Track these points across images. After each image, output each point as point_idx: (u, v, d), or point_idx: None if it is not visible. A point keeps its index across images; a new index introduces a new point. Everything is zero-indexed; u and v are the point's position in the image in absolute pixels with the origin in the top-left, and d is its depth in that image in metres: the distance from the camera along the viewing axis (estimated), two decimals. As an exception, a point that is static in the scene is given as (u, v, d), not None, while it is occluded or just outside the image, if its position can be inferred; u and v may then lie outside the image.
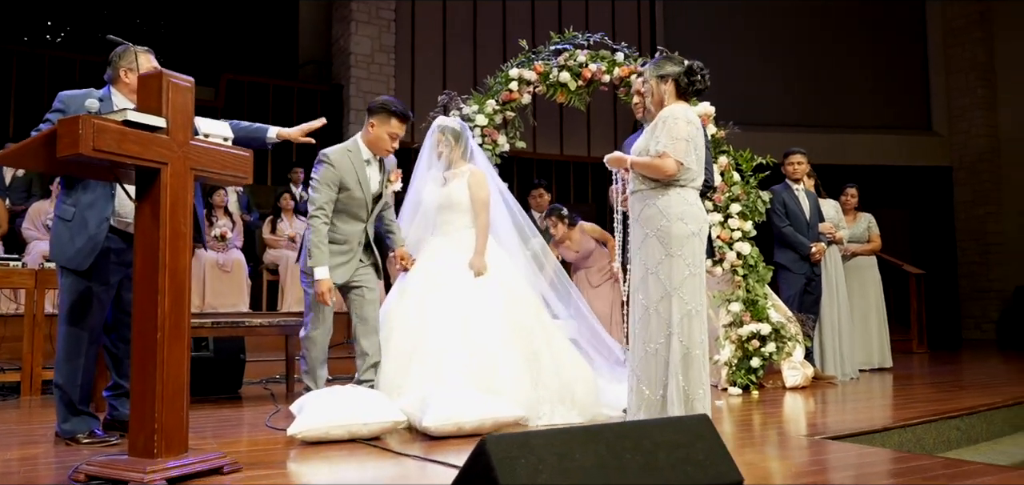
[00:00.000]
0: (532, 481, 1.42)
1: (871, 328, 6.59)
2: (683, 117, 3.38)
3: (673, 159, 3.30)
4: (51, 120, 3.21)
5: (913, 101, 12.16)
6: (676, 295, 3.31)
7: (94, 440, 3.27)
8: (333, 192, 3.77)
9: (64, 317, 3.28)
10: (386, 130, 3.84)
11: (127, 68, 3.36)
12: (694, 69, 3.46)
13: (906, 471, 2.73)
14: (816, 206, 5.80)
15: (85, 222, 3.24)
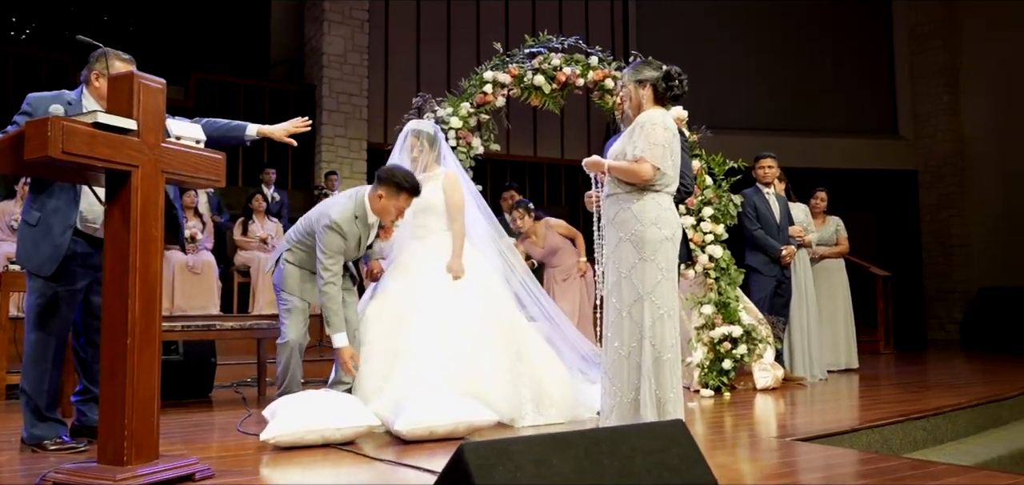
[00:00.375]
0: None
1: (839, 329, 6.70)
2: (661, 122, 3.40)
3: (650, 164, 3.32)
4: (18, 122, 3.16)
5: (880, 106, 12.38)
6: (648, 299, 3.34)
7: (61, 446, 3.21)
8: (342, 258, 3.80)
9: (31, 322, 3.23)
10: (394, 204, 3.76)
11: (98, 72, 3.31)
12: (672, 74, 3.48)
13: (874, 472, 2.78)
14: (786, 210, 5.88)
15: (50, 228, 3.20)
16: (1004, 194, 11.30)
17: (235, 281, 7.38)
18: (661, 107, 3.52)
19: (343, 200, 3.82)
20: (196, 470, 2.63)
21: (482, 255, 4.14)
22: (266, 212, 7.75)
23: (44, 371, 3.22)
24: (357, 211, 3.78)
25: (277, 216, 8.05)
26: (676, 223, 3.46)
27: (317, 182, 9.38)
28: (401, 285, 3.96)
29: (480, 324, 3.82)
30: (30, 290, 3.24)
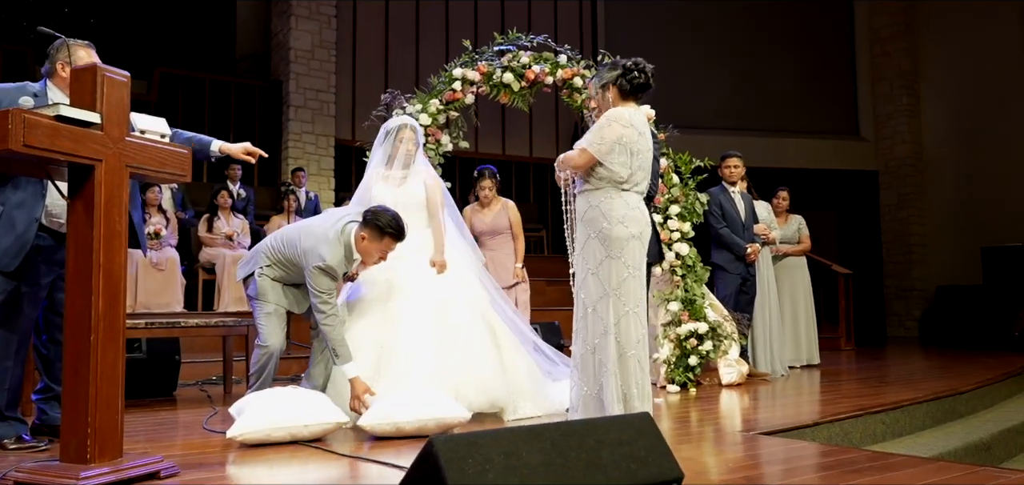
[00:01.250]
0: (480, 480, 1.44)
1: (800, 326, 6.82)
2: (619, 120, 3.42)
3: (586, 152, 3.37)
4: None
5: (842, 108, 12.62)
6: (614, 296, 3.38)
7: (22, 445, 3.15)
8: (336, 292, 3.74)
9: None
10: (376, 247, 3.67)
11: (63, 61, 3.26)
12: (629, 67, 3.50)
13: (835, 464, 2.84)
14: (751, 208, 5.97)
15: (13, 221, 3.13)
16: (962, 195, 11.59)
17: (200, 278, 7.29)
18: (631, 103, 3.55)
19: (333, 237, 3.64)
20: (161, 468, 2.60)
21: (458, 252, 4.17)
22: (232, 209, 7.66)
23: (5, 369, 3.17)
24: (346, 252, 3.67)
25: (243, 213, 7.95)
26: (644, 222, 3.50)
27: (284, 178, 9.29)
28: (383, 281, 3.96)
29: (466, 319, 3.86)
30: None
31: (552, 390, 4.10)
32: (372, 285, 3.98)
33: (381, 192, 4.12)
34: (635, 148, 3.44)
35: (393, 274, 3.96)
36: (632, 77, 3.50)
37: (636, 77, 3.51)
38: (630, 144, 3.42)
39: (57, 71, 3.28)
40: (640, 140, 3.47)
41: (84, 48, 3.28)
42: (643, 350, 3.43)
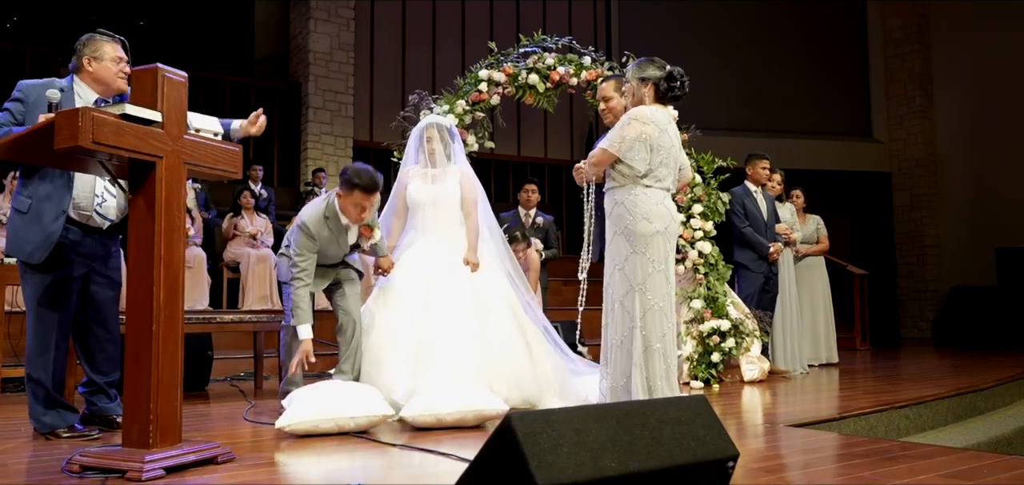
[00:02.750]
0: (555, 454, 1.53)
1: (819, 325, 6.89)
2: (641, 118, 3.49)
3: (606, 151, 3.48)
4: (10, 109, 3.18)
5: (854, 109, 12.67)
6: (640, 291, 3.43)
7: (74, 434, 3.24)
8: (313, 256, 3.90)
9: (32, 312, 3.23)
10: (351, 201, 3.83)
11: (90, 56, 3.31)
12: (674, 75, 3.59)
13: (866, 453, 2.91)
14: (773, 208, 6.05)
15: (40, 215, 3.18)
16: (975, 195, 11.63)
17: (224, 277, 7.40)
18: (660, 105, 3.64)
19: (319, 200, 3.97)
20: (218, 453, 2.70)
21: (490, 251, 4.26)
22: (254, 208, 7.78)
23: (49, 359, 3.22)
24: (327, 212, 3.87)
25: (265, 212, 8.07)
26: (669, 218, 3.57)
27: (305, 179, 9.41)
28: (420, 275, 4.05)
29: (498, 316, 3.95)
30: (26, 282, 3.24)
31: (576, 385, 4.19)
32: (408, 280, 4.07)
33: (415, 189, 4.22)
34: (655, 144, 3.50)
35: (428, 270, 4.06)
36: (673, 84, 3.59)
37: (677, 86, 3.60)
38: (650, 140, 3.48)
39: (84, 66, 3.32)
40: (661, 136, 3.53)
41: (110, 43, 3.34)
42: (669, 344, 3.50)
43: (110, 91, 3.33)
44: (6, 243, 3.29)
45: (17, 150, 2.68)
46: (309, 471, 2.79)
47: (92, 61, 3.31)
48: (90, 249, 3.33)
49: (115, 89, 3.34)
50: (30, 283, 3.23)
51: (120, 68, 3.36)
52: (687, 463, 1.71)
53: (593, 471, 1.57)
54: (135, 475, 2.39)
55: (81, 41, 3.36)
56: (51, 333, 3.24)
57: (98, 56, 3.31)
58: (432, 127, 4.32)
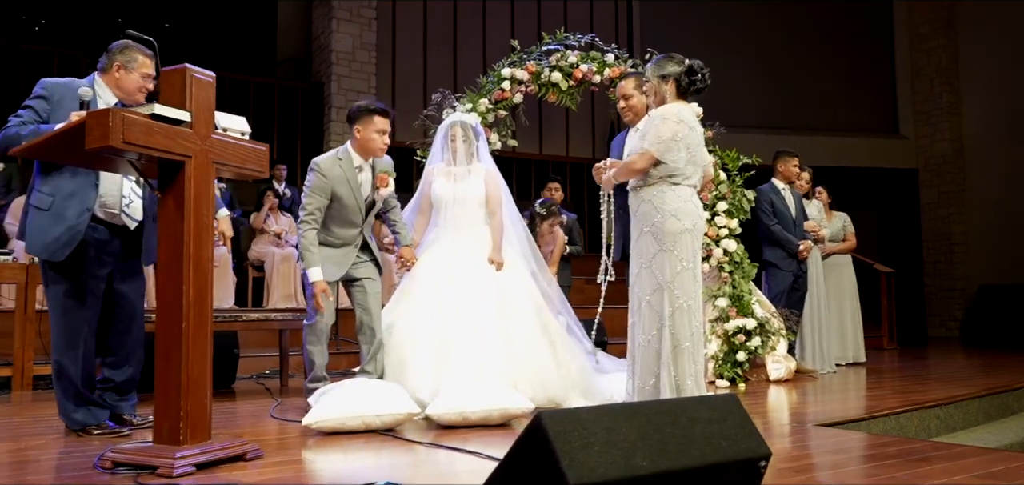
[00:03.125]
0: (586, 453, 1.52)
1: (847, 324, 6.82)
2: (673, 117, 3.49)
3: (648, 154, 3.44)
4: (34, 107, 3.18)
5: (880, 105, 12.51)
6: (668, 289, 3.43)
7: (106, 432, 3.27)
8: (323, 200, 3.89)
9: (58, 309, 3.22)
10: (373, 130, 3.90)
11: (122, 64, 3.34)
12: (694, 69, 3.58)
13: (898, 453, 2.87)
14: (801, 206, 6.00)
15: (63, 212, 3.16)
16: (1004, 192, 11.43)
17: (249, 275, 7.46)
18: (683, 101, 3.62)
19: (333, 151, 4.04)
20: (247, 450, 2.72)
21: (514, 250, 4.25)
22: (278, 207, 7.84)
23: (78, 354, 3.23)
24: (339, 154, 3.95)
25: (289, 211, 8.13)
26: (697, 215, 3.56)
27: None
28: (444, 273, 4.05)
29: (522, 315, 3.94)
30: (50, 280, 3.22)
31: (601, 383, 4.17)
32: (432, 278, 4.07)
33: (440, 187, 4.22)
34: (688, 142, 3.51)
35: (452, 269, 4.06)
36: (695, 79, 3.58)
37: (698, 79, 3.58)
38: (685, 139, 3.49)
39: (111, 70, 3.34)
40: (691, 134, 3.54)
41: (144, 57, 3.37)
42: (697, 342, 3.48)
43: (128, 101, 3.34)
44: (27, 241, 3.23)
45: (48, 149, 2.72)
46: (336, 469, 2.80)
47: (121, 69, 3.34)
48: (117, 249, 3.34)
49: (133, 102, 3.34)
50: (55, 281, 3.21)
51: (144, 84, 3.39)
52: (719, 462, 1.69)
53: (624, 470, 1.56)
54: (166, 471, 2.42)
55: (117, 45, 3.38)
56: (79, 330, 3.24)
57: (128, 67, 3.34)
58: (456, 125, 4.32)
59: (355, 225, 3.97)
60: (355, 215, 3.96)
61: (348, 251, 3.98)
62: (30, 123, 3.13)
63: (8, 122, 3.15)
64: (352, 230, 3.97)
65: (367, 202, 4.01)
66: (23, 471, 2.63)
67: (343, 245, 3.96)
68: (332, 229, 3.93)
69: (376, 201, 4.06)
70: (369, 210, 4.04)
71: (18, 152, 2.79)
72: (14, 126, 3.12)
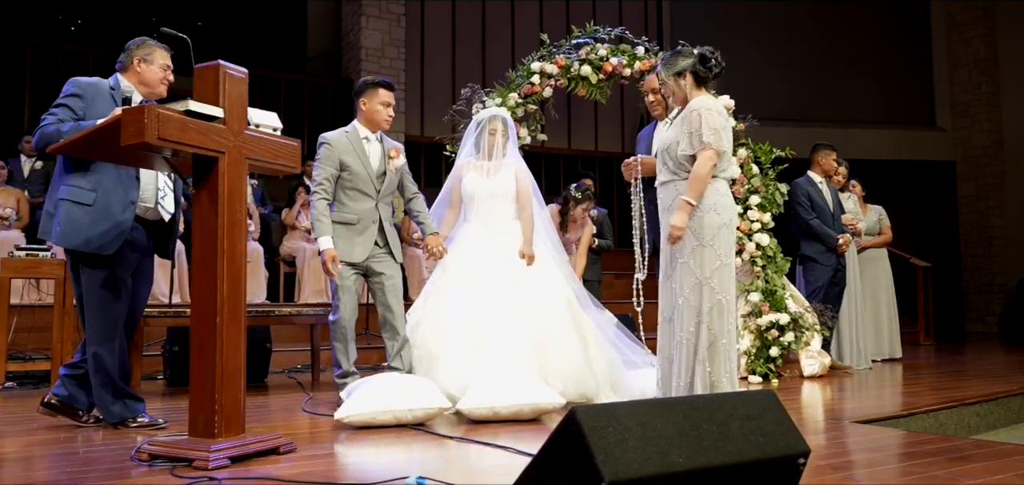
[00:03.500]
0: (621, 448, 1.50)
1: (882, 319, 6.70)
2: (716, 107, 3.46)
3: (709, 152, 3.37)
4: (70, 105, 3.22)
5: (917, 96, 12.27)
6: (707, 285, 3.40)
7: (143, 425, 3.30)
8: (332, 169, 3.92)
9: (94, 303, 3.22)
10: (377, 102, 3.99)
11: (141, 58, 3.39)
12: (706, 55, 3.51)
13: (937, 452, 2.81)
14: (838, 199, 5.90)
15: (109, 206, 3.18)
16: (1045, 185, 11.18)
17: (281, 271, 7.53)
18: (703, 91, 3.56)
19: None
20: (280, 443, 2.74)
21: (544, 245, 4.24)
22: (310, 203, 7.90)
23: (115, 347, 3.26)
24: (347, 128, 4.02)
25: (319, 207, 8.18)
26: (733, 209, 3.51)
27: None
28: (475, 268, 4.04)
29: (553, 311, 3.92)
30: (86, 275, 3.21)
31: (631, 379, 4.14)
32: (462, 273, 4.06)
33: (471, 181, 4.21)
34: (727, 132, 3.47)
35: (482, 263, 4.05)
36: (709, 64, 3.50)
37: (713, 65, 3.51)
38: (727, 129, 3.46)
39: (132, 66, 3.39)
40: (729, 126, 3.51)
41: (161, 50, 3.44)
42: (732, 340, 3.44)
43: (152, 94, 3.38)
44: (63, 235, 3.19)
45: (87, 145, 2.75)
46: (368, 463, 2.81)
47: (142, 63, 3.39)
48: (143, 244, 3.37)
49: (156, 94, 3.39)
50: (91, 275, 3.22)
51: (165, 75, 3.44)
52: (757, 459, 1.66)
53: (660, 466, 1.53)
54: (202, 464, 2.44)
55: (134, 42, 3.44)
56: (116, 324, 3.27)
57: (148, 60, 3.39)
58: (496, 119, 4.27)
59: (369, 197, 3.97)
60: (367, 186, 3.97)
61: (367, 232, 3.95)
62: (68, 121, 3.16)
63: (43, 121, 3.19)
64: (367, 203, 3.97)
65: (378, 173, 4.01)
66: (61, 463, 2.67)
67: (359, 221, 3.95)
68: (346, 203, 3.94)
69: (389, 173, 4.05)
70: (380, 181, 4.03)
71: (56, 149, 2.83)
72: (52, 124, 3.16)
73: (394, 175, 4.09)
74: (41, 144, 3.15)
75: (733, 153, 5.24)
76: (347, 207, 3.95)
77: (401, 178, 4.13)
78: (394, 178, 4.09)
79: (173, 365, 4.96)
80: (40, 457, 2.76)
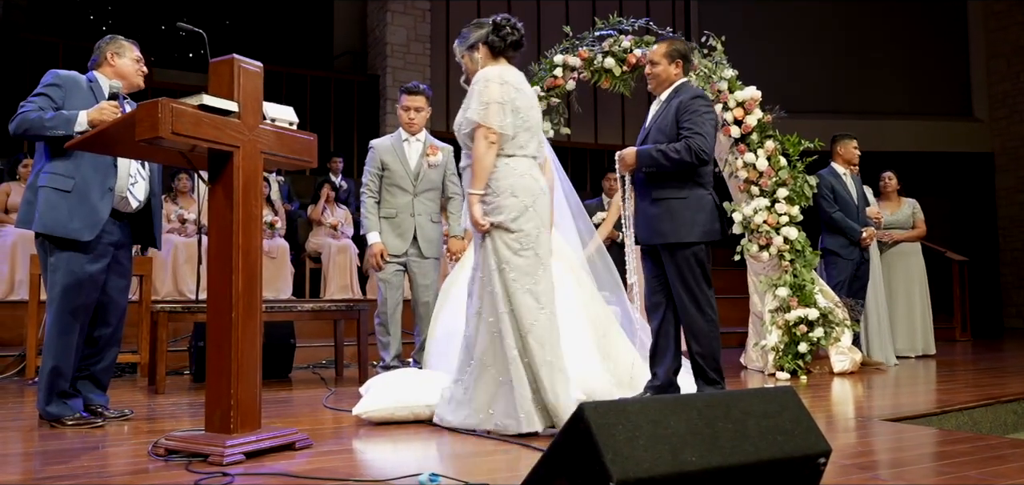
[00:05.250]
0: (631, 447, 1.45)
1: (916, 315, 6.53)
2: (496, 78, 3.11)
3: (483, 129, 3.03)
4: (49, 94, 3.23)
5: (953, 87, 11.97)
6: (504, 273, 3.05)
7: (80, 422, 3.23)
8: (375, 170, 4.45)
9: (59, 296, 3.17)
10: (400, 108, 4.51)
11: (114, 52, 3.48)
12: (500, 23, 3.21)
13: (972, 451, 2.71)
14: (862, 190, 5.76)
15: (87, 192, 3.20)
16: (1087, 176, 10.84)
17: (306, 267, 7.56)
18: (503, 62, 3.24)
19: None
20: (296, 439, 2.73)
21: (565, 238, 4.18)
22: (335, 200, 7.92)
23: (71, 342, 3.21)
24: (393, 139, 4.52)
25: (345, 203, 8.21)
26: (538, 191, 3.13)
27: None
28: None
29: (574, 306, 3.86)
30: (56, 263, 3.18)
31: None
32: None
33: None
34: (517, 104, 3.13)
35: None
36: (504, 33, 3.21)
37: (509, 33, 3.22)
38: (512, 102, 3.11)
39: (107, 60, 3.46)
40: (520, 97, 3.15)
41: (129, 44, 3.52)
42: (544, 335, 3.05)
43: (130, 86, 3.50)
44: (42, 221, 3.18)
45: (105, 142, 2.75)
46: (384, 458, 2.79)
47: (115, 56, 3.48)
48: (115, 236, 3.35)
49: (134, 84, 3.52)
50: (63, 265, 3.18)
51: (139, 66, 3.54)
52: (775, 458, 1.60)
53: (672, 465, 1.48)
54: (217, 459, 2.44)
55: (103, 41, 3.53)
56: (77, 319, 3.23)
57: (120, 53, 3.49)
58: None
59: (406, 192, 4.41)
60: (404, 181, 4.41)
61: (405, 225, 4.38)
62: (49, 109, 3.21)
63: (22, 107, 3.20)
64: (404, 197, 4.41)
65: (415, 171, 4.43)
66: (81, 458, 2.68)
67: (398, 215, 4.39)
68: (387, 199, 4.41)
69: (424, 170, 4.46)
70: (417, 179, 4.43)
71: (72, 145, 2.84)
72: (33, 111, 3.18)
73: (431, 171, 4.48)
74: (21, 128, 3.18)
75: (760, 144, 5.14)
76: (388, 202, 4.41)
77: (444, 177, 4.54)
78: (432, 175, 4.49)
79: (198, 361, 5.00)
80: (60, 452, 2.78)
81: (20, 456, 2.82)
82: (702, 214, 3.58)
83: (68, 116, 3.18)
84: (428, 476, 2.18)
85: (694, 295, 3.57)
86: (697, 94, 3.69)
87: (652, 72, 3.84)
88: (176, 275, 6.55)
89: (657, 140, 3.65)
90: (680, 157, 3.53)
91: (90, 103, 3.29)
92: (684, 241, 3.56)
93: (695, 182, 3.61)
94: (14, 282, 6.08)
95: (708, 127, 3.58)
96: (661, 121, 3.71)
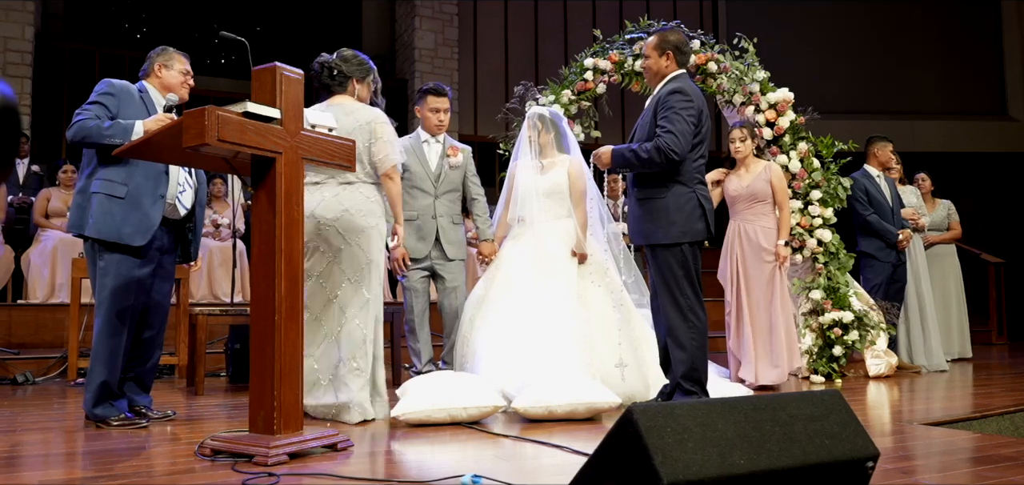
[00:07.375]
0: (680, 449, 1.46)
1: (951, 317, 6.45)
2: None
3: None
4: (103, 102, 3.31)
5: (987, 85, 11.79)
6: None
7: (125, 423, 3.30)
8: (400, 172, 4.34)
9: (108, 299, 3.24)
10: (427, 108, 4.40)
11: (162, 64, 3.54)
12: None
13: (1015, 456, 2.68)
14: (896, 193, 5.70)
15: (139, 199, 3.28)
16: None
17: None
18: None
19: None
20: (338, 440, 2.77)
21: (599, 242, 4.20)
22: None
23: (120, 344, 3.28)
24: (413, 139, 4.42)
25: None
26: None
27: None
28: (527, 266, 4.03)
29: (608, 310, 3.88)
30: (107, 266, 3.25)
31: None
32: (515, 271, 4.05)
33: (524, 180, 4.22)
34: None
35: (534, 262, 4.03)
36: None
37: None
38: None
39: (154, 72, 3.53)
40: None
41: (179, 57, 3.59)
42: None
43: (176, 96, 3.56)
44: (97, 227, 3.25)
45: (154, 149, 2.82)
46: (423, 460, 2.82)
47: (162, 69, 3.54)
48: (162, 242, 3.43)
49: (179, 97, 3.56)
50: (113, 269, 3.26)
51: (185, 79, 3.59)
52: (822, 462, 1.60)
53: (720, 468, 1.49)
54: (262, 460, 2.48)
55: (155, 51, 3.60)
56: (125, 322, 3.30)
57: (168, 65, 3.55)
58: (534, 117, 4.32)
59: (427, 194, 4.32)
60: (424, 183, 4.32)
61: (427, 228, 4.28)
62: (105, 118, 3.28)
63: (78, 115, 3.27)
64: (425, 199, 4.31)
65: (436, 173, 4.34)
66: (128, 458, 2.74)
67: (419, 217, 4.28)
68: (408, 201, 4.28)
69: (445, 171, 4.37)
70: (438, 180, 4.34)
71: (120, 152, 2.90)
72: (91, 120, 3.25)
73: (452, 172, 4.39)
74: (79, 136, 3.24)
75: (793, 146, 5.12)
76: (408, 205, 4.27)
77: (466, 179, 4.45)
78: (453, 176, 4.39)
79: (235, 363, 5.07)
80: (108, 452, 2.84)
81: (66, 456, 2.89)
82: (681, 214, 3.38)
83: (125, 125, 3.24)
84: (471, 477, 2.20)
85: (675, 299, 3.37)
86: (676, 89, 3.46)
87: (643, 65, 3.72)
88: (211, 278, 6.65)
89: (641, 137, 3.53)
90: (648, 157, 3.36)
91: (141, 112, 3.37)
92: (661, 242, 3.40)
93: (675, 180, 3.40)
94: (55, 285, 6.22)
95: (681, 124, 3.34)
96: (644, 116, 3.61)
